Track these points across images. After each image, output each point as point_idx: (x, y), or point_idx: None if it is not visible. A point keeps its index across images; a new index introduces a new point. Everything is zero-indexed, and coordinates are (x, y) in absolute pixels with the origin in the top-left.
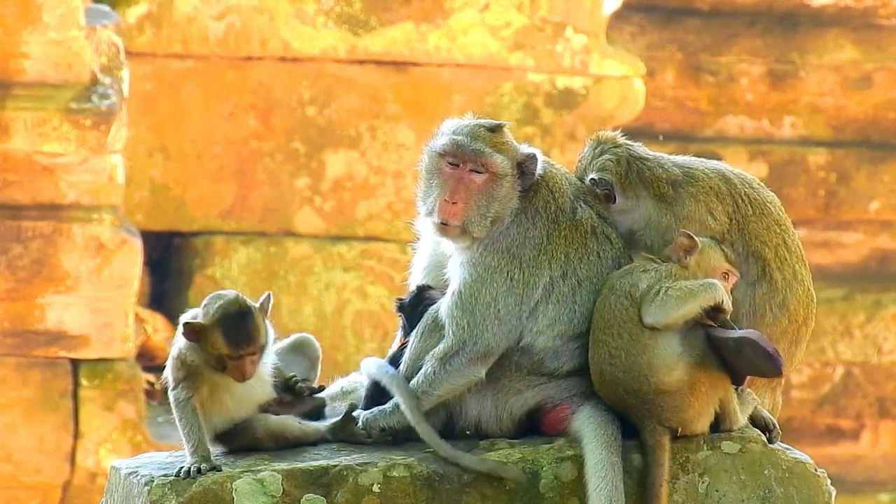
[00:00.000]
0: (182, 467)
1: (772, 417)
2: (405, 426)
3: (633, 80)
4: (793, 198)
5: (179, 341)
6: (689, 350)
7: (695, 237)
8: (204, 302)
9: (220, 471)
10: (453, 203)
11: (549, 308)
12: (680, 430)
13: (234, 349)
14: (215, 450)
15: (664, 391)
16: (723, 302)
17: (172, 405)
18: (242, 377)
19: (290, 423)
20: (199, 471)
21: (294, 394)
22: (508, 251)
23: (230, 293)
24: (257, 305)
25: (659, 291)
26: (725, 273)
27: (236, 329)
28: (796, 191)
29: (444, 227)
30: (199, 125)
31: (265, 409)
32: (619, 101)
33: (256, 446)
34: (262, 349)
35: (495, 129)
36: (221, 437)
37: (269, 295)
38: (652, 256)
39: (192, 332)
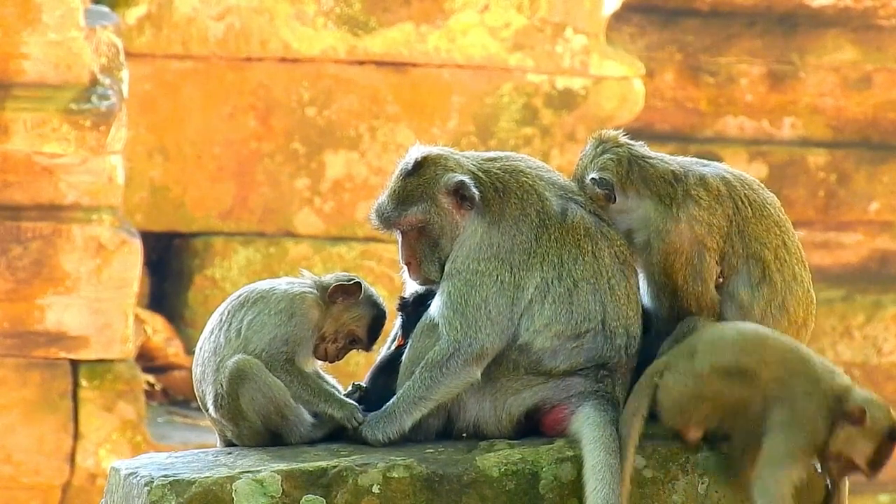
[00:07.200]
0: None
1: None
2: (404, 434)
3: (632, 81)
4: (792, 199)
5: (300, 308)
6: None
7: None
8: (353, 276)
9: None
10: (408, 264)
11: (546, 308)
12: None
13: (369, 342)
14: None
15: None
16: None
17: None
18: (334, 359)
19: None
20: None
21: None
22: (497, 257)
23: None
24: None
25: None
26: None
27: (381, 327)
28: (796, 192)
29: (416, 282)
30: (199, 126)
31: None
32: (618, 101)
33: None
34: None
35: (412, 172)
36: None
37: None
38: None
39: (355, 288)
